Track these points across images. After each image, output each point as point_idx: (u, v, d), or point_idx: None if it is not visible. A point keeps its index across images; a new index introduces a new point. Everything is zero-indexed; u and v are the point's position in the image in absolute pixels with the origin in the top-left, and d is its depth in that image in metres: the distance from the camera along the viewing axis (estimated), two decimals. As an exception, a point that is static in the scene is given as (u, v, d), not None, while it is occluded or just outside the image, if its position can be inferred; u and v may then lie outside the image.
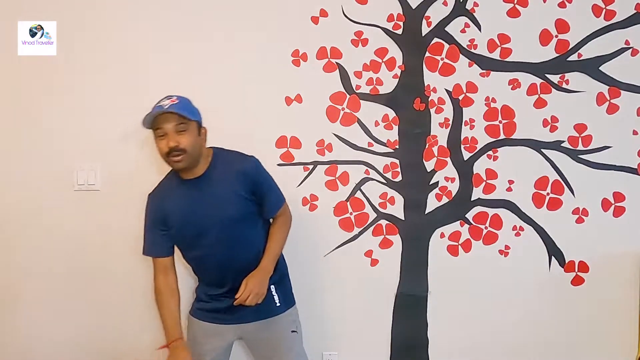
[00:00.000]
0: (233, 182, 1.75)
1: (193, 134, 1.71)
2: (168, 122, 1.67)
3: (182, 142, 1.67)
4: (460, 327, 2.17)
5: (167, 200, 1.79)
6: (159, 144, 1.70)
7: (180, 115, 1.67)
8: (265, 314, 1.80)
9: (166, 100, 1.70)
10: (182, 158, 1.68)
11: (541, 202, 2.16)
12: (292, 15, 2.12)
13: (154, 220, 1.81)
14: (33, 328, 2.15)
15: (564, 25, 2.13)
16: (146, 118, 1.69)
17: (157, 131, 1.70)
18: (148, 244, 1.83)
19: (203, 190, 1.74)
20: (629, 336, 2.16)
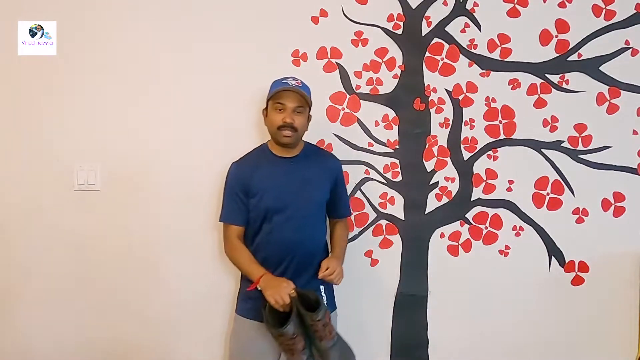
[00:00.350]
0: (323, 171, 1.93)
1: (305, 117, 1.88)
2: (291, 100, 1.83)
3: (296, 122, 1.83)
4: (460, 327, 2.17)
5: (256, 170, 1.88)
6: (274, 115, 1.84)
7: (303, 97, 1.84)
8: None
9: (292, 80, 1.86)
10: (292, 135, 1.84)
11: (541, 202, 2.16)
12: (292, 15, 2.12)
13: (235, 187, 1.89)
14: (33, 328, 2.15)
15: (564, 25, 2.14)
16: (272, 89, 1.85)
17: (276, 104, 1.84)
18: (227, 211, 1.91)
19: (295, 169, 1.88)
20: (629, 336, 2.16)
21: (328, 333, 1.74)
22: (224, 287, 2.14)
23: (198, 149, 2.13)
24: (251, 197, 1.86)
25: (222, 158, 2.11)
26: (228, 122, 2.13)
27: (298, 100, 1.83)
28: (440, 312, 2.16)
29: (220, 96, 2.13)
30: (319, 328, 1.73)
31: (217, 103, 2.13)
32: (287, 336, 1.70)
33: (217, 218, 2.12)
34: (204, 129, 2.13)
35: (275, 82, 1.88)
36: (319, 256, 1.88)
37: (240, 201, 1.88)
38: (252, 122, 2.13)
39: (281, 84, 1.84)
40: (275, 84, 1.88)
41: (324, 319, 1.72)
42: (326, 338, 1.75)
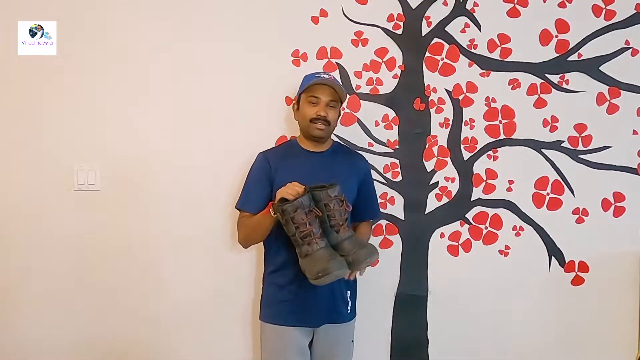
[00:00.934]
0: (351, 169, 1.92)
1: (337, 112, 1.89)
2: (325, 93, 1.83)
3: (329, 115, 1.84)
4: (460, 327, 2.17)
5: (282, 161, 1.87)
6: (307, 108, 1.84)
7: (337, 92, 1.84)
8: (337, 318, 1.86)
9: (325, 75, 1.87)
10: (324, 128, 1.84)
11: (541, 202, 2.16)
12: (292, 15, 2.12)
13: (261, 174, 1.86)
14: (33, 328, 2.15)
15: (564, 25, 2.14)
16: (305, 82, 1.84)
17: (310, 97, 1.83)
18: (246, 198, 1.87)
19: (322, 164, 1.87)
20: (629, 336, 2.16)
21: (343, 220, 1.70)
22: (225, 287, 2.15)
23: (198, 149, 2.13)
24: (276, 186, 1.80)
25: (222, 158, 2.12)
26: (228, 122, 2.13)
27: (332, 94, 1.84)
28: (440, 312, 2.16)
29: (220, 96, 2.13)
30: (334, 209, 1.69)
31: (217, 103, 2.13)
32: (303, 209, 1.64)
33: (217, 218, 2.13)
34: (204, 129, 2.13)
35: (308, 76, 1.88)
36: None
37: (262, 189, 1.85)
38: (252, 122, 2.13)
39: (315, 77, 1.85)
40: (308, 77, 1.88)
41: (340, 197, 1.69)
42: (342, 228, 1.70)
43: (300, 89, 1.87)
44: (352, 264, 1.67)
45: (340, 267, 1.64)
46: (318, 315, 1.83)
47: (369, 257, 1.70)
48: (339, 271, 1.64)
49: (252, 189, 1.87)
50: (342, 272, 1.65)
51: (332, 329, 1.86)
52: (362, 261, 1.68)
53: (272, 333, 1.84)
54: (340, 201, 1.70)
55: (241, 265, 2.14)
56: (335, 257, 1.65)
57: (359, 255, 1.68)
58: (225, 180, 2.11)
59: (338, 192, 1.70)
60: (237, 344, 2.16)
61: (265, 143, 2.08)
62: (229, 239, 2.13)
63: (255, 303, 2.14)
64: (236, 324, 2.15)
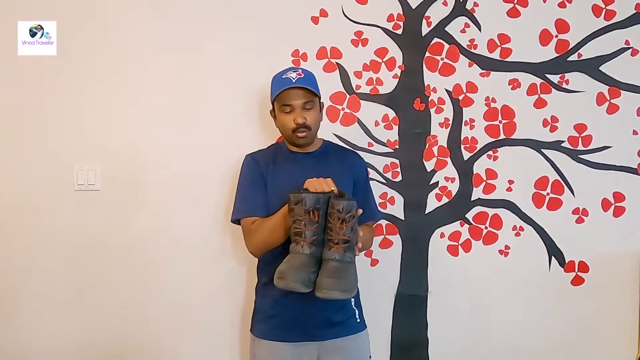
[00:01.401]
0: (344, 168, 1.78)
1: (317, 109, 1.73)
2: (296, 97, 1.67)
3: (308, 119, 1.69)
4: (460, 327, 2.17)
5: (271, 164, 1.75)
6: (284, 118, 1.70)
7: (309, 90, 1.67)
8: (346, 330, 1.72)
9: (292, 73, 1.70)
10: (307, 134, 1.70)
11: (541, 202, 2.16)
12: (292, 15, 2.12)
13: (255, 174, 1.73)
14: (32, 328, 2.15)
15: (564, 25, 2.14)
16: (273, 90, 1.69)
17: (283, 106, 1.69)
18: (249, 204, 1.71)
19: (313, 166, 1.73)
20: (629, 336, 2.16)
21: (341, 240, 1.53)
22: (225, 288, 2.14)
23: (198, 149, 2.13)
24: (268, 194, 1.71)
25: (223, 158, 2.12)
26: (228, 123, 2.13)
27: (304, 96, 1.68)
28: (440, 312, 2.16)
29: (220, 96, 2.13)
30: (333, 223, 1.54)
31: (217, 103, 2.13)
32: (302, 207, 1.53)
33: (217, 218, 2.13)
34: (204, 129, 2.13)
35: (275, 78, 1.74)
36: None
37: (257, 191, 1.71)
38: (252, 122, 2.13)
39: (281, 81, 1.69)
40: (275, 81, 1.73)
41: (345, 215, 1.53)
42: (335, 247, 1.53)
43: (271, 97, 1.73)
44: (315, 286, 1.52)
45: (298, 281, 1.50)
46: (320, 328, 1.69)
47: (330, 289, 1.50)
48: (294, 284, 1.50)
49: (250, 192, 1.73)
50: (297, 287, 1.50)
51: (341, 343, 1.71)
52: (321, 289, 1.50)
53: (267, 350, 1.70)
54: (343, 219, 1.53)
55: (241, 265, 2.14)
56: (306, 269, 1.52)
57: (321, 282, 1.51)
58: (225, 181, 2.11)
59: (342, 208, 1.53)
60: (237, 344, 2.16)
61: (265, 143, 2.09)
62: (229, 238, 2.13)
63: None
64: (236, 324, 2.15)
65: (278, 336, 1.69)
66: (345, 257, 1.55)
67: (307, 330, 1.69)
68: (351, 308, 1.76)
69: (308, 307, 1.65)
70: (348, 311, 1.75)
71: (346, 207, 1.54)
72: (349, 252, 1.56)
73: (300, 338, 1.69)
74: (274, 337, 1.70)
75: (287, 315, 1.68)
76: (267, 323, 1.73)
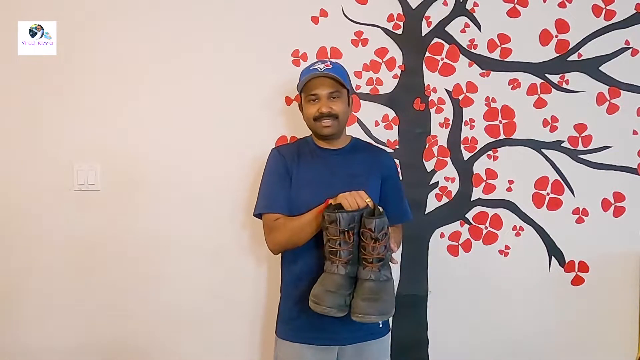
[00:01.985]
0: (373, 167, 1.73)
1: (345, 101, 1.69)
2: (323, 87, 1.64)
3: (335, 108, 1.65)
4: (460, 327, 2.17)
5: (297, 159, 1.70)
6: (309, 108, 1.68)
7: (336, 80, 1.64)
8: (368, 334, 1.68)
9: (320, 64, 1.68)
10: (333, 124, 1.66)
11: (541, 202, 2.16)
12: (292, 15, 2.12)
13: (280, 168, 1.69)
14: (33, 328, 2.15)
15: (564, 25, 2.14)
16: (301, 80, 1.67)
17: (309, 96, 1.66)
18: (273, 200, 1.67)
19: (340, 163, 1.70)
20: (629, 336, 2.16)
21: (375, 259, 1.51)
22: (225, 287, 2.14)
23: (198, 149, 2.13)
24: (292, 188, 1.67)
25: (222, 158, 2.12)
26: (228, 122, 2.13)
27: (331, 85, 1.64)
28: (440, 312, 2.16)
29: (220, 96, 2.13)
30: (367, 242, 1.51)
31: (217, 103, 2.13)
32: (337, 227, 1.51)
33: (217, 218, 2.13)
34: (203, 130, 2.13)
35: (304, 69, 1.72)
36: None
37: (282, 186, 1.67)
38: (252, 123, 2.13)
39: (309, 71, 1.67)
40: (303, 72, 1.71)
41: (377, 234, 1.50)
42: (370, 266, 1.51)
43: (298, 87, 1.72)
44: (350, 309, 1.51)
45: (333, 306, 1.49)
46: (342, 332, 1.65)
47: (365, 313, 1.48)
48: (329, 310, 1.49)
49: (274, 187, 1.69)
50: (332, 312, 1.49)
51: (362, 347, 1.68)
52: (356, 314, 1.48)
53: (289, 351, 1.68)
54: (376, 239, 1.51)
55: (241, 265, 2.14)
56: (341, 292, 1.50)
57: (356, 306, 1.49)
58: (225, 181, 2.11)
59: (375, 227, 1.50)
60: (237, 344, 2.16)
61: (265, 143, 2.09)
62: (229, 239, 2.13)
63: (255, 303, 2.15)
64: (236, 324, 2.15)
65: (299, 338, 1.67)
66: (380, 276, 1.53)
67: (329, 334, 1.66)
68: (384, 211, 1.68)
69: None
70: None
71: (378, 226, 1.51)
72: (384, 270, 1.54)
73: (322, 341, 1.66)
74: (296, 338, 1.68)
75: (309, 318, 1.62)
76: (289, 324, 1.70)
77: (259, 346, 2.15)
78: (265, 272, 2.14)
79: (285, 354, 1.70)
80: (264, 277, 2.15)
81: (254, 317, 2.15)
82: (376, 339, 1.71)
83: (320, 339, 1.66)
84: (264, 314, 2.14)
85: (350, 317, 1.50)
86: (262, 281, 2.15)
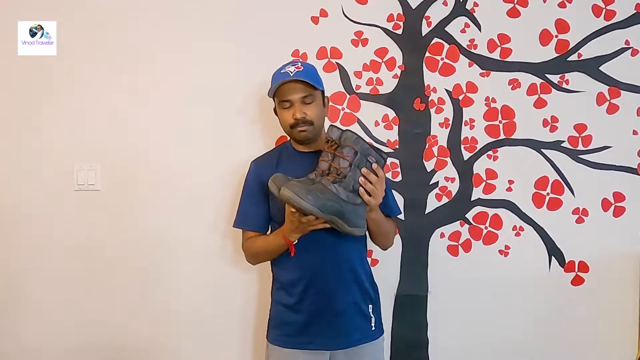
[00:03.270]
0: None
1: (319, 104, 1.65)
2: (295, 92, 1.60)
3: (309, 113, 1.61)
4: (460, 327, 2.17)
5: (276, 167, 1.67)
6: (283, 114, 1.64)
7: (308, 84, 1.60)
8: (360, 338, 1.67)
9: (291, 67, 1.63)
10: (308, 129, 1.63)
11: (541, 202, 2.16)
12: (292, 15, 2.12)
13: (254, 187, 1.71)
14: (32, 328, 2.15)
15: (564, 25, 2.13)
16: (272, 85, 1.63)
17: (282, 102, 1.63)
18: (241, 215, 1.73)
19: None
20: (629, 336, 2.16)
21: (335, 169, 1.51)
22: (225, 288, 2.15)
23: (198, 148, 2.13)
24: (271, 199, 1.66)
25: (223, 158, 2.12)
26: (228, 123, 2.13)
27: (303, 90, 1.60)
28: (440, 312, 2.16)
29: (220, 97, 2.13)
30: (337, 152, 1.51)
31: (217, 103, 2.13)
32: (327, 136, 1.55)
33: (217, 218, 2.13)
34: (203, 130, 2.13)
35: (275, 73, 1.68)
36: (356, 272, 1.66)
37: (258, 203, 1.69)
38: (252, 122, 2.13)
39: (279, 75, 1.63)
40: (274, 76, 1.67)
41: (344, 143, 1.50)
42: (329, 176, 1.51)
43: (270, 94, 1.67)
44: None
45: (277, 181, 1.50)
46: (333, 336, 1.64)
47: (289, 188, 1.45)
48: (271, 181, 1.52)
49: (247, 203, 1.73)
50: (270, 184, 1.51)
51: (355, 351, 1.66)
52: (283, 186, 1.46)
53: (280, 357, 1.67)
54: (340, 147, 1.50)
55: (241, 265, 2.14)
56: (300, 184, 1.48)
57: (290, 182, 1.48)
58: (225, 181, 2.11)
59: (345, 137, 1.52)
60: (237, 345, 2.16)
61: (265, 143, 2.09)
62: (229, 239, 2.13)
63: (255, 302, 2.14)
64: (236, 324, 2.15)
65: (290, 343, 1.66)
66: (332, 186, 1.49)
67: (320, 339, 1.65)
68: (369, 314, 1.71)
69: (321, 314, 1.64)
70: (364, 318, 1.70)
71: (348, 138, 1.50)
72: (342, 188, 1.50)
73: (313, 346, 1.65)
74: (287, 344, 1.67)
75: (300, 323, 1.64)
76: (280, 330, 1.70)
77: (252, 349, 2.15)
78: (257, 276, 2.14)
79: (275, 359, 1.69)
80: (255, 281, 2.15)
81: (254, 315, 2.15)
82: (369, 342, 1.69)
83: (311, 344, 1.64)
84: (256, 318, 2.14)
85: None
86: (254, 285, 2.15)
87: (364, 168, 1.53)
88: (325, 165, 1.55)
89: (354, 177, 1.52)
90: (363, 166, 1.53)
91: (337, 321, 1.64)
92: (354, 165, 1.52)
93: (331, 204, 1.48)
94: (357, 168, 1.53)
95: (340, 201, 1.50)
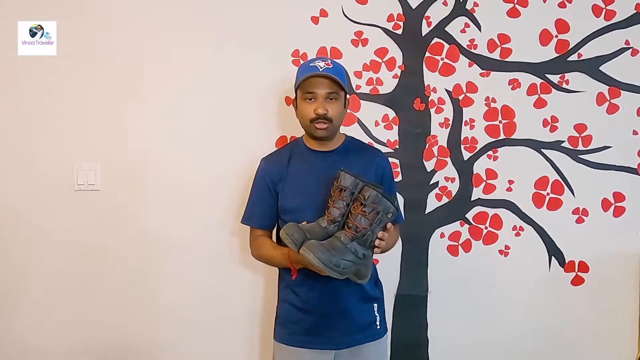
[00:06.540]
0: (366, 168, 1.68)
1: (341, 103, 1.65)
2: (321, 86, 1.59)
3: (330, 111, 1.61)
4: (460, 327, 2.17)
5: (286, 165, 1.68)
6: (305, 107, 1.62)
7: (335, 82, 1.59)
8: (365, 337, 1.68)
9: (320, 62, 1.62)
10: (327, 127, 1.62)
11: (541, 202, 2.16)
12: (292, 15, 2.12)
13: (262, 185, 1.70)
14: (32, 328, 2.15)
15: (564, 25, 2.13)
16: (299, 77, 1.62)
17: (306, 94, 1.61)
18: (249, 212, 1.74)
19: (332, 165, 1.63)
20: (629, 336, 2.16)
21: (354, 226, 1.49)
22: (225, 288, 2.15)
23: (198, 149, 2.13)
24: (281, 190, 1.66)
25: (223, 158, 2.12)
26: (228, 122, 2.13)
27: (329, 86, 1.59)
28: (440, 312, 2.16)
29: (220, 96, 2.13)
30: (356, 208, 1.50)
31: (217, 103, 2.13)
32: (337, 184, 1.54)
33: (218, 218, 2.13)
34: (203, 130, 2.13)
35: (302, 66, 1.67)
36: None
37: (265, 201, 1.69)
38: (251, 122, 2.13)
39: (308, 68, 1.61)
40: (301, 68, 1.66)
41: (367, 203, 1.49)
42: (347, 231, 1.50)
43: (295, 84, 1.67)
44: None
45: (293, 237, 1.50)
46: (338, 336, 1.65)
47: (309, 250, 1.44)
48: (289, 238, 1.49)
49: (256, 200, 1.73)
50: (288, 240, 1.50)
51: (359, 350, 1.67)
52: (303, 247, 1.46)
53: (286, 355, 1.68)
54: (364, 208, 1.50)
55: (241, 265, 2.14)
56: (310, 237, 1.50)
57: (308, 242, 1.47)
58: (225, 181, 2.11)
59: (368, 196, 1.49)
60: (237, 344, 2.16)
61: (265, 143, 2.09)
62: (229, 239, 2.13)
63: (255, 303, 2.15)
64: (236, 324, 2.15)
65: (296, 342, 1.67)
66: (350, 244, 1.50)
67: (325, 338, 1.66)
68: (373, 314, 1.71)
69: (327, 314, 1.65)
70: (369, 317, 1.70)
71: (371, 197, 1.50)
72: (359, 245, 1.51)
73: (319, 345, 1.65)
74: (293, 342, 1.68)
75: (306, 322, 1.66)
76: (287, 328, 1.70)
77: (258, 349, 2.15)
78: (263, 275, 2.14)
79: (283, 358, 1.70)
80: (261, 280, 2.15)
81: (254, 315, 2.15)
82: (373, 340, 1.70)
83: (316, 343, 1.65)
84: (263, 317, 2.14)
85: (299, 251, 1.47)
86: (260, 284, 2.15)
87: (381, 231, 1.56)
88: (337, 212, 1.55)
89: (372, 236, 1.55)
90: (383, 223, 1.55)
91: (343, 320, 1.65)
92: (375, 223, 1.53)
93: (350, 265, 1.51)
94: (377, 226, 1.54)
95: (357, 260, 1.53)
